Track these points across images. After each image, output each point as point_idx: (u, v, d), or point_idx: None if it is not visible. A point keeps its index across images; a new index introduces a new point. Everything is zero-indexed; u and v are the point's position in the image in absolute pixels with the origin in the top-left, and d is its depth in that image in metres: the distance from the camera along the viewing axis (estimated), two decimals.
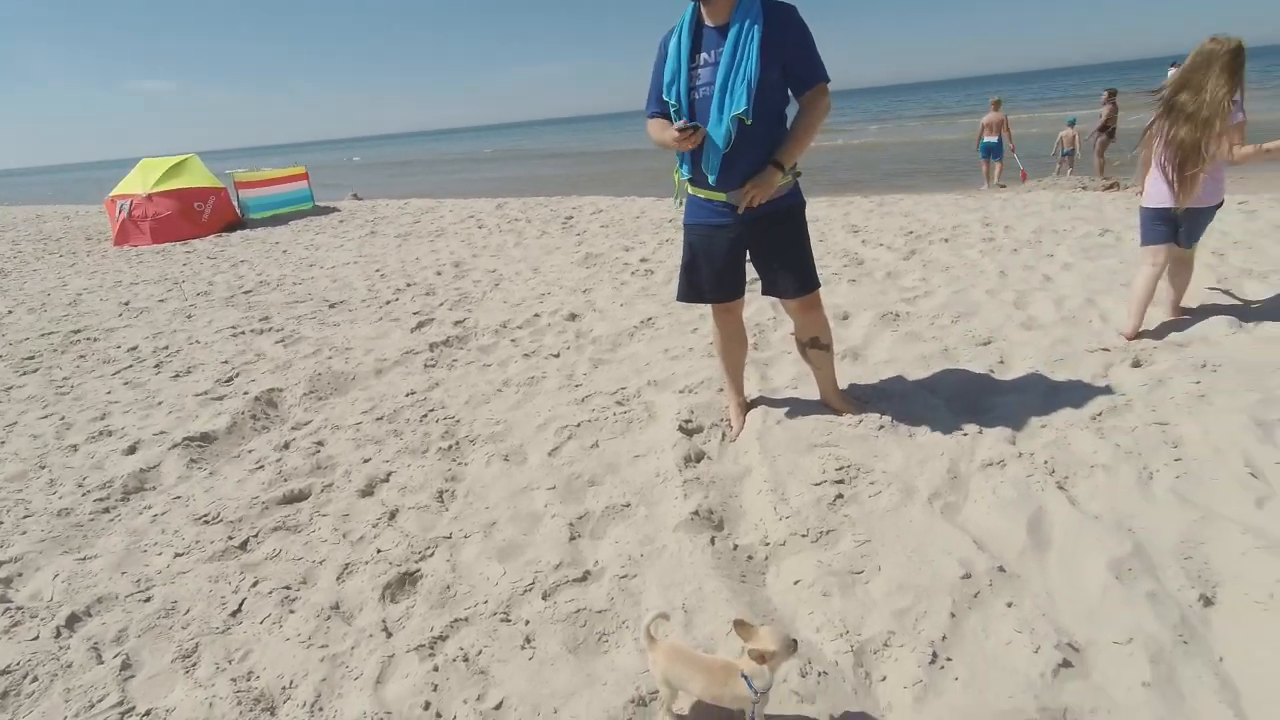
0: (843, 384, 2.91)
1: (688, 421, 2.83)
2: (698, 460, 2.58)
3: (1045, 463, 2.27)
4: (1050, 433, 2.48)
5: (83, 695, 1.70)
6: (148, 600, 2.05)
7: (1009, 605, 1.71)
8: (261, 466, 2.83)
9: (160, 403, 3.63)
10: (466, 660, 1.72)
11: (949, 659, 1.58)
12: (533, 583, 1.98)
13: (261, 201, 11.95)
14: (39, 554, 2.33)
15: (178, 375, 4.06)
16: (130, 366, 4.32)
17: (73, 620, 1.97)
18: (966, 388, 2.92)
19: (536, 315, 4.61)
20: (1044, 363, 3.04)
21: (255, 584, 2.07)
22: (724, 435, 2.76)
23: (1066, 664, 1.52)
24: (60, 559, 2.29)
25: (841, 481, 2.30)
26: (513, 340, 4.17)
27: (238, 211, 11.44)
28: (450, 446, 2.86)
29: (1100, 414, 2.55)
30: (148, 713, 1.64)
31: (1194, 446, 2.27)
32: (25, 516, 2.59)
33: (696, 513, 2.19)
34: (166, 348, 4.64)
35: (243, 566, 2.17)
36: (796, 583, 1.88)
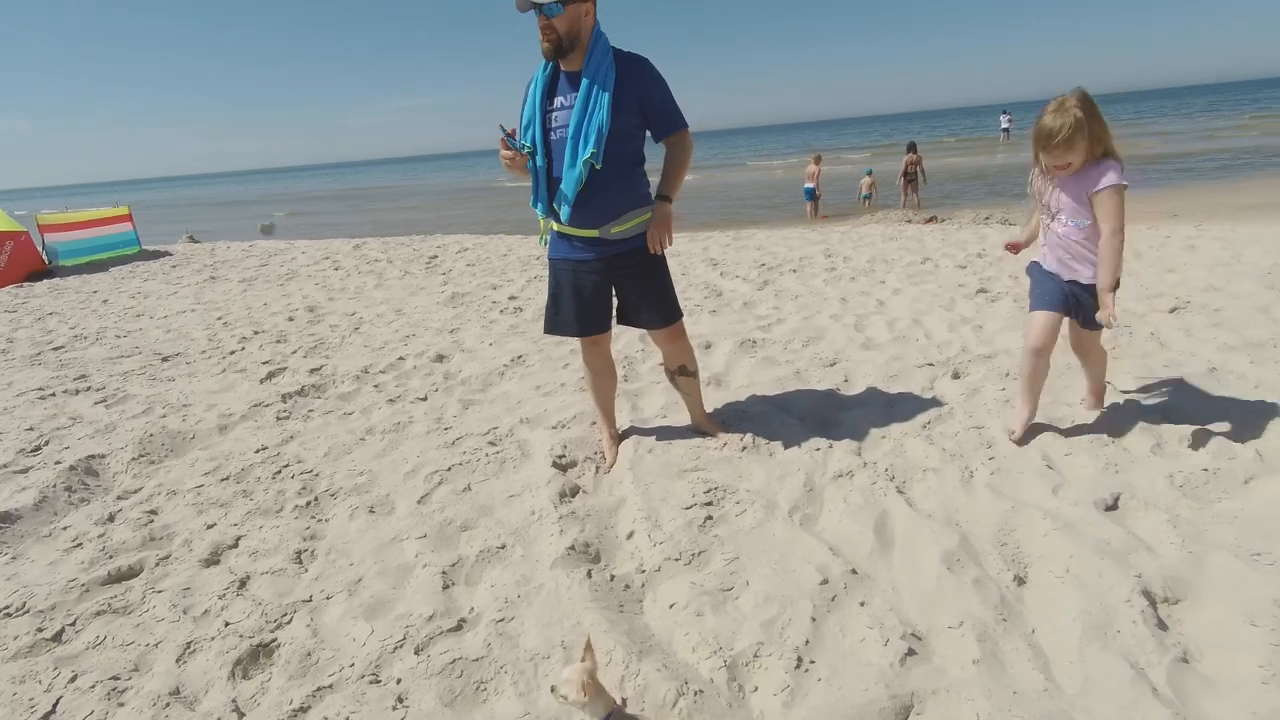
0: (709, 408, 3.06)
1: (561, 457, 2.84)
2: (573, 495, 2.60)
3: (886, 470, 2.50)
4: (889, 442, 2.74)
5: None
6: None
7: (861, 604, 1.86)
8: (79, 544, 2.49)
9: None
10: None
11: (812, 661, 1.69)
12: (404, 638, 1.89)
13: (74, 247, 10.63)
14: None
15: None
16: None
17: None
18: (817, 406, 3.17)
19: (401, 358, 4.45)
20: (881, 379, 3.37)
21: (73, 679, 1.81)
22: (598, 468, 2.80)
23: (911, 652, 1.68)
24: None
25: (710, 503, 2.41)
26: (376, 386, 3.99)
27: (44, 258, 10.09)
28: (308, 503, 2.68)
29: (929, 422, 2.86)
30: None
31: (1002, 445, 2.61)
32: None
33: (573, 547, 2.20)
34: None
35: (56, 660, 1.89)
36: (672, 606, 1.94)
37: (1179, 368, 3.10)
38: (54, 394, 4.25)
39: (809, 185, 13.35)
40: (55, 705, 1.74)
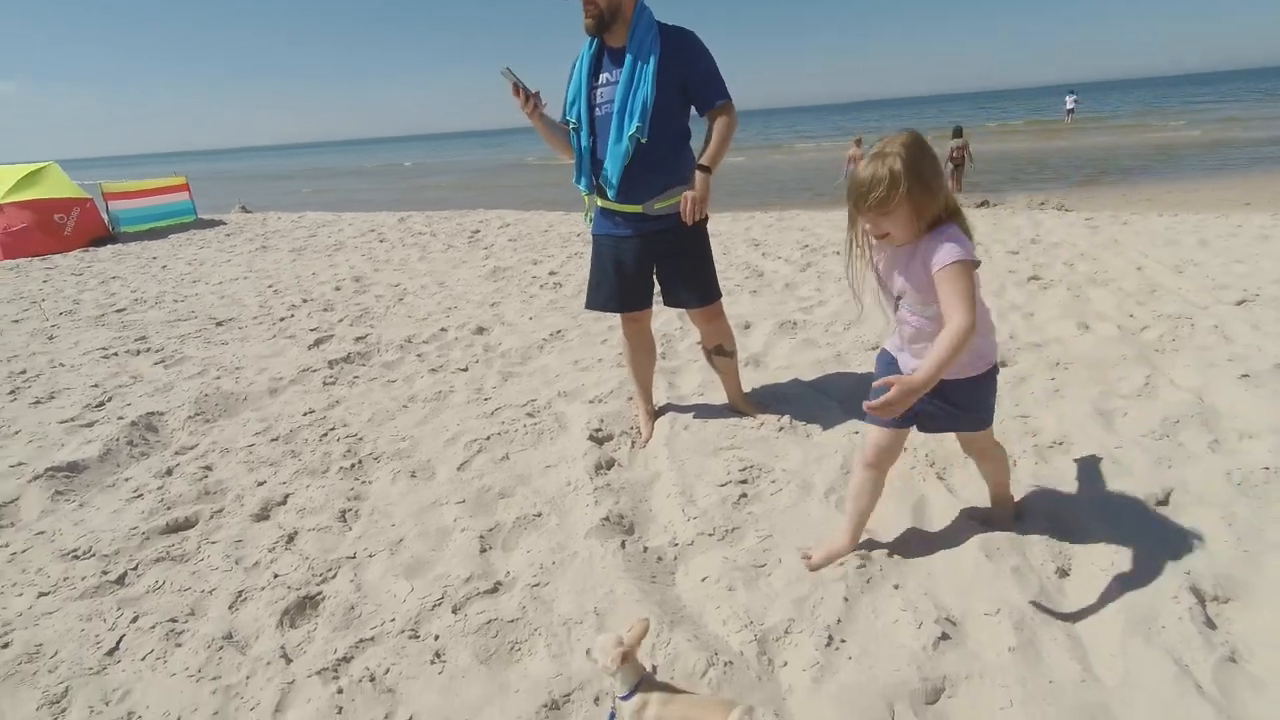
0: (746, 389, 3.04)
1: (598, 430, 2.87)
2: (608, 468, 2.62)
3: (926, 456, 2.46)
4: None
5: None
6: (6, 645, 1.85)
7: (896, 587, 1.85)
8: (140, 495, 2.63)
9: (17, 432, 3.29)
10: (373, 680, 1.68)
11: (843, 640, 1.69)
12: (442, 597, 1.95)
13: (135, 214, 11.06)
14: None
15: (38, 401, 3.70)
16: None
17: None
18: (857, 389, 3.12)
19: (443, 330, 4.53)
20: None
21: (135, 619, 1.92)
22: (633, 442, 2.82)
23: (945, 636, 1.67)
24: None
25: (745, 481, 2.41)
26: (418, 355, 4.08)
27: (107, 225, 10.52)
28: (353, 465, 2.76)
29: None
30: None
31: (1049, 435, 2.54)
32: None
33: (607, 519, 2.23)
34: (24, 372, 4.21)
35: (119, 602, 2.01)
36: (704, 579, 1.96)
37: (1243, 362, 2.95)
38: (116, 354, 4.45)
39: (852, 168, 13.24)
40: (119, 642, 1.85)
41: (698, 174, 2.46)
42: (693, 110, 2.53)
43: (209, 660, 1.77)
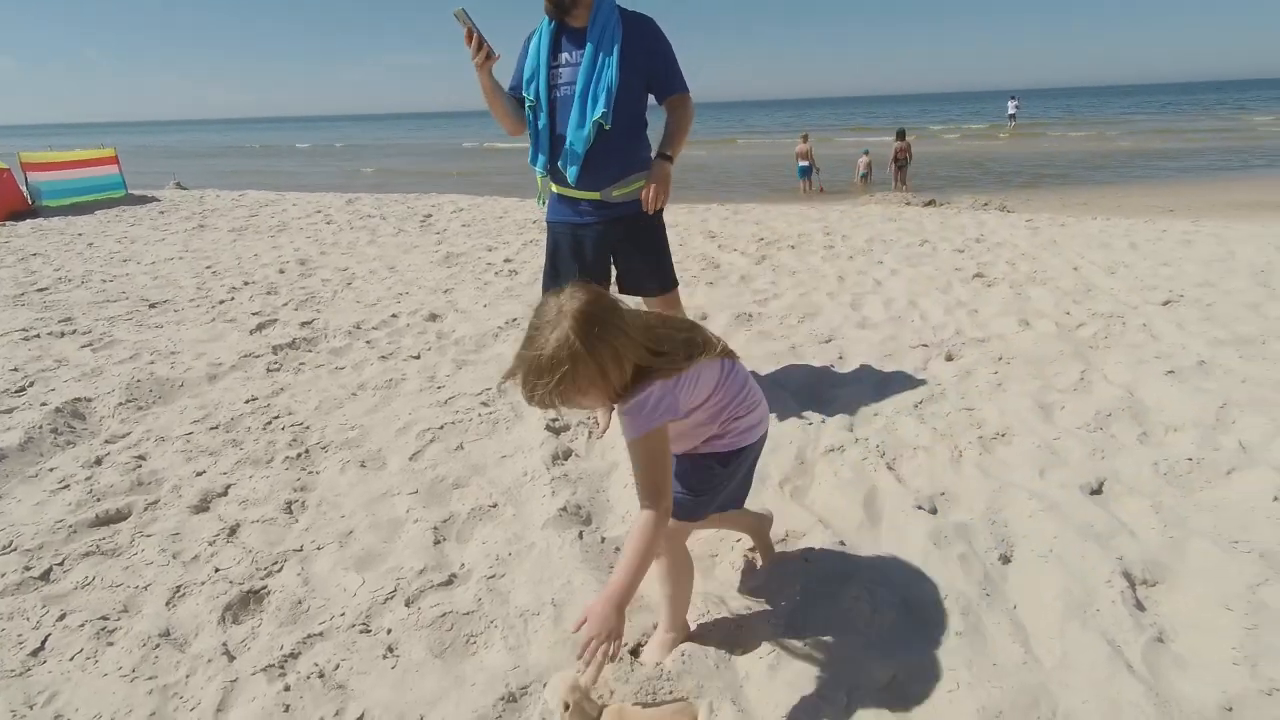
0: None
1: (555, 420, 2.84)
2: (565, 458, 2.60)
3: (877, 446, 2.53)
4: (881, 420, 2.76)
5: None
6: None
7: (849, 575, 1.89)
8: (67, 486, 2.47)
9: None
10: (323, 676, 1.62)
11: (799, 628, 1.72)
12: (394, 590, 1.90)
13: (58, 187, 10.37)
14: None
15: None
16: None
17: None
18: (811, 381, 3.18)
19: (394, 315, 4.41)
20: (876, 357, 3.39)
21: (62, 617, 1.81)
22: (590, 433, 2.81)
23: (897, 623, 1.71)
24: None
25: None
26: (368, 342, 3.96)
27: (26, 198, 9.84)
28: (299, 455, 2.67)
29: (921, 401, 2.88)
30: None
31: (993, 427, 2.63)
32: None
33: (564, 509, 2.22)
34: None
35: (44, 599, 1.89)
36: None
37: (1169, 359, 3.13)
38: (38, 335, 4.18)
39: (803, 164, 13.60)
40: (44, 642, 1.74)
41: (659, 161, 2.46)
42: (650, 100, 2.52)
43: (144, 659, 1.68)
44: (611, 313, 1.28)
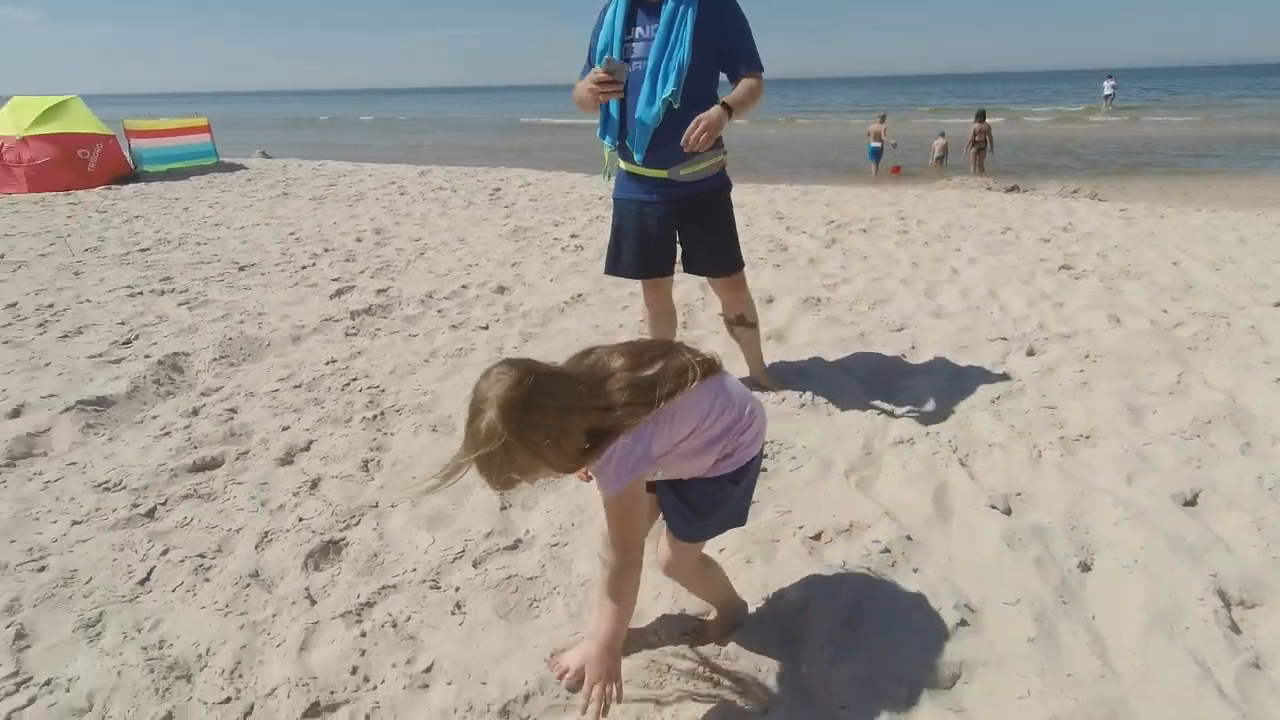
0: (767, 362, 3.03)
1: None
2: None
3: (949, 441, 2.45)
4: (954, 414, 2.67)
5: None
6: (43, 569, 1.90)
7: (915, 570, 1.85)
8: (168, 433, 2.66)
9: (47, 364, 3.34)
10: (395, 626, 1.71)
11: (861, 619, 1.70)
12: (463, 551, 1.97)
13: (158, 153, 11.01)
14: None
15: (66, 336, 3.73)
16: (9, 325, 3.93)
17: None
18: (880, 370, 3.10)
19: (464, 286, 4.52)
20: (950, 349, 3.27)
21: (165, 552, 1.97)
22: None
23: (963, 623, 1.67)
24: None
25: (765, 455, 2.40)
26: (439, 311, 4.08)
27: (130, 163, 10.49)
28: (375, 416, 2.79)
29: (998, 397, 2.77)
30: (48, 682, 1.54)
31: (1076, 427, 2.51)
32: None
33: None
34: (51, 306, 4.25)
35: (150, 535, 2.05)
36: (721, 550, 1.96)
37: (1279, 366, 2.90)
38: (142, 293, 4.48)
39: (875, 144, 13.11)
40: (150, 573, 1.89)
41: (717, 107, 2.35)
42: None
43: (236, 596, 1.81)
44: (539, 392, 1.14)
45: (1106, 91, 30.43)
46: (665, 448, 1.33)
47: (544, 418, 1.14)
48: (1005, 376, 2.97)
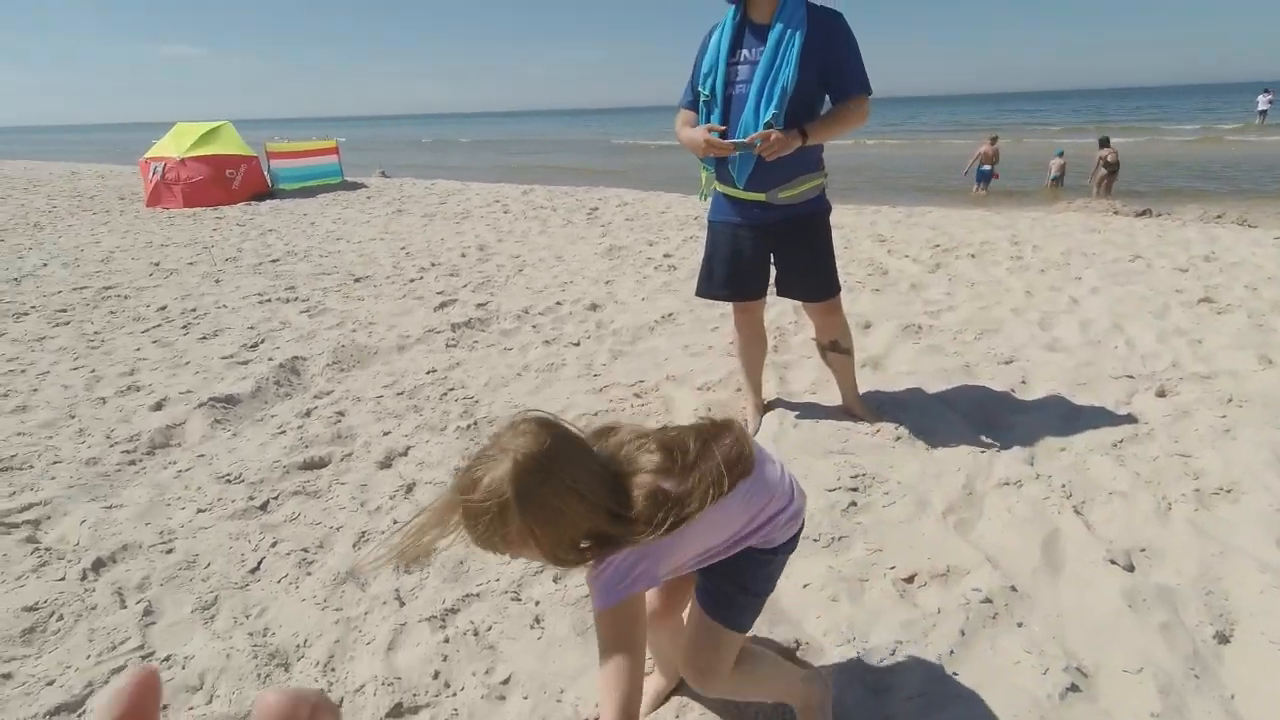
0: (862, 391, 2.91)
1: (704, 418, 2.83)
2: None
3: (1063, 486, 2.26)
4: (1069, 456, 2.47)
5: (105, 637, 1.75)
6: (170, 551, 2.09)
7: (1019, 625, 1.71)
8: (284, 431, 2.88)
9: (187, 362, 3.70)
10: (476, 634, 1.75)
11: (955, 673, 1.59)
12: (543, 567, 2.00)
13: (292, 173, 12.05)
14: (67, 499, 2.39)
15: (205, 337, 4.13)
16: (159, 325, 4.39)
17: (98, 565, 2.02)
18: (986, 404, 2.91)
19: (558, 303, 4.64)
20: (1066, 385, 3.02)
21: (274, 544, 2.11)
22: None
23: (1075, 688, 1.52)
24: (87, 506, 2.35)
25: (855, 489, 2.31)
26: (534, 326, 4.20)
27: (268, 181, 11.55)
28: (469, 426, 2.89)
29: (1121, 441, 2.54)
30: (167, 658, 1.69)
31: (1215, 480, 2.25)
32: (54, 463, 2.65)
33: None
34: (194, 310, 4.71)
35: (262, 526, 2.21)
36: (805, 586, 1.89)
37: None
38: (270, 300, 4.89)
39: (984, 167, 12.48)
40: (260, 563, 2.04)
41: (794, 130, 2.28)
42: None
43: (334, 592, 1.91)
44: (560, 462, 1.00)
45: (1262, 107, 27.60)
46: (676, 566, 1.17)
47: (553, 493, 1.00)
48: (1131, 418, 2.71)
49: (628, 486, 1.08)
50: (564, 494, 1.00)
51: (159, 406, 3.13)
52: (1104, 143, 11.92)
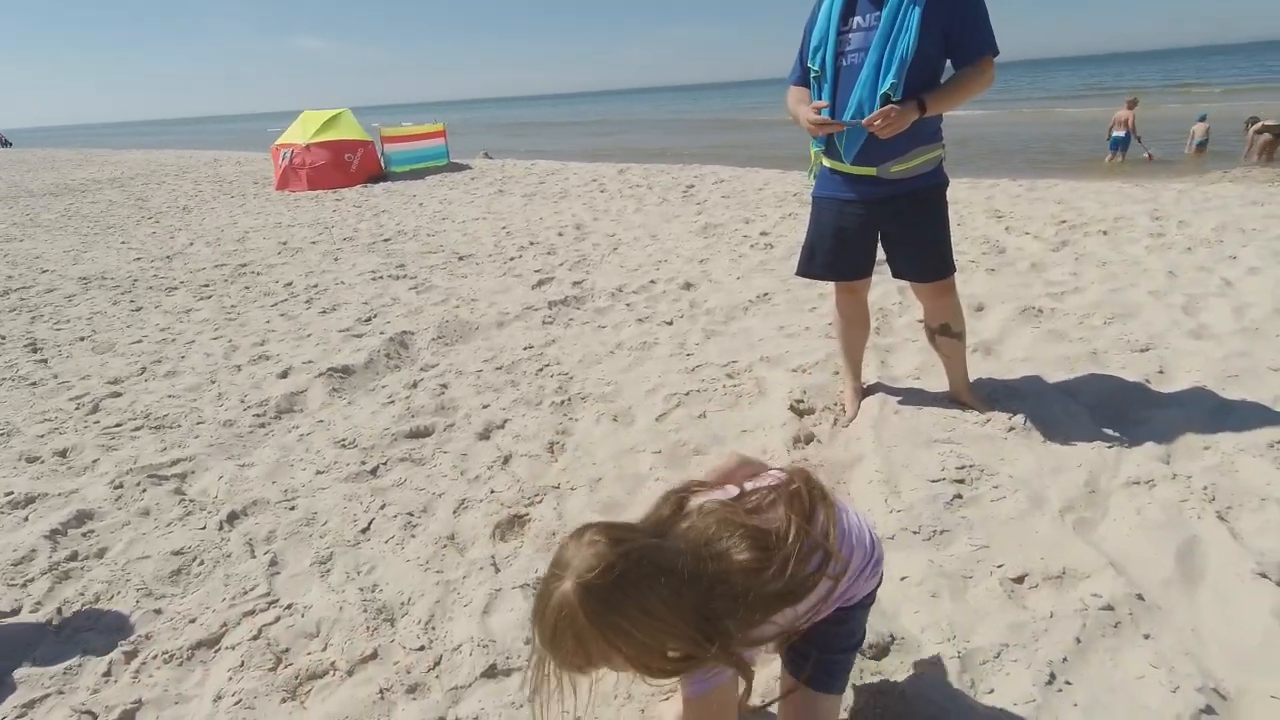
0: (972, 378, 2.73)
1: (799, 401, 2.76)
2: (807, 442, 2.52)
3: (1205, 488, 2.03)
4: (1214, 456, 2.21)
5: (238, 583, 1.94)
6: (293, 509, 2.28)
7: (1146, 637, 1.56)
8: (393, 401, 3.05)
9: (309, 335, 3.99)
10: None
11: (1068, 683, 1.47)
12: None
13: (403, 155, 12.68)
14: (207, 456, 2.65)
15: (325, 311, 4.44)
16: (286, 300, 4.77)
17: (233, 517, 2.24)
18: (1115, 396, 2.65)
19: (652, 282, 4.64)
20: (1214, 377, 2.71)
21: (383, 506, 2.26)
22: (836, 419, 2.68)
23: (1210, 710, 1.38)
24: (224, 463, 2.59)
25: (962, 481, 2.18)
26: (627, 304, 4.22)
27: (381, 164, 12.21)
28: (563, 401, 2.96)
29: (1278, 442, 2.24)
30: (289, 606, 1.84)
31: None
32: (198, 423, 2.95)
33: None
34: (316, 286, 5.08)
35: (373, 490, 2.37)
36: (904, 579, 1.81)
37: None
38: (382, 277, 5.19)
39: (1119, 133, 11.45)
40: (370, 524, 2.18)
41: (911, 102, 2.13)
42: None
43: (435, 554, 2.02)
44: (628, 585, 0.92)
45: None
46: (763, 644, 1.11)
47: (629, 616, 0.92)
48: None
49: (717, 596, 0.98)
50: (633, 616, 0.92)
51: (285, 375, 3.40)
52: (1251, 122, 10.55)
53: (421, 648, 1.68)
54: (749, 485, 1.14)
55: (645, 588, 0.93)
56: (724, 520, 1.04)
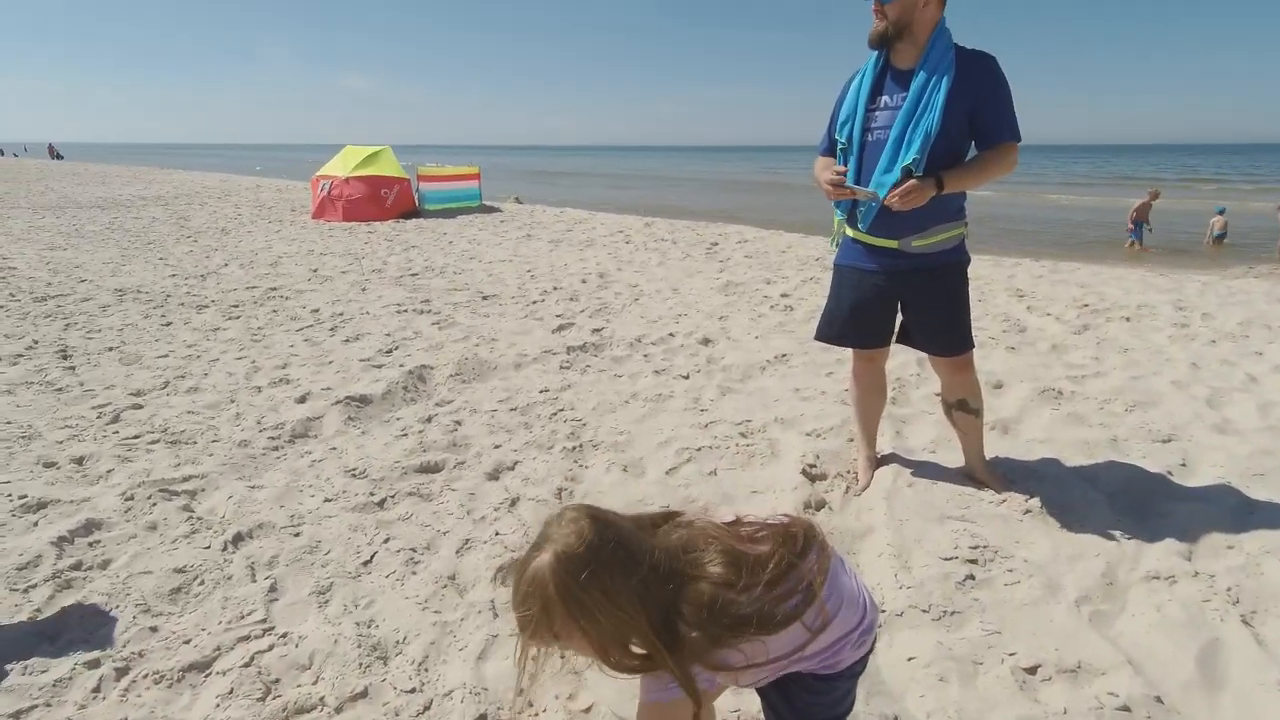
0: (988, 456, 2.70)
1: (812, 466, 2.74)
2: (818, 508, 2.49)
3: (1229, 589, 1.97)
4: (1238, 556, 2.15)
5: (236, 606, 1.92)
6: (297, 535, 2.27)
7: None
8: (406, 434, 3.06)
9: (330, 362, 4.05)
10: (563, 657, 1.75)
11: None
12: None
13: (437, 195, 13.05)
14: (219, 475, 2.67)
15: (348, 340, 4.51)
16: (311, 326, 4.86)
17: (238, 539, 2.23)
18: (1136, 486, 2.60)
19: (671, 334, 4.67)
20: (1238, 474, 2.65)
21: (387, 540, 2.24)
22: (849, 488, 2.64)
23: None
24: (235, 483, 2.61)
25: (974, 561, 2.13)
26: (645, 355, 4.25)
27: (416, 201, 12.56)
28: (574, 447, 2.95)
29: None
30: (284, 635, 1.82)
31: None
32: (214, 441, 2.97)
33: None
34: (342, 314, 5.17)
35: (378, 522, 2.36)
36: (911, 660, 1.75)
37: None
38: (406, 310, 5.28)
39: (1139, 222, 11.86)
40: (372, 557, 2.17)
41: (930, 179, 2.17)
42: None
43: (435, 594, 1.99)
44: (604, 565, 0.95)
45: None
46: (731, 679, 1.09)
47: (589, 597, 0.95)
48: None
49: (686, 596, 1.00)
50: (598, 598, 0.95)
51: (303, 400, 3.44)
52: None
53: (413, 690, 1.65)
54: (747, 517, 1.16)
55: (616, 572, 0.96)
56: (708, 536, 1.06)
